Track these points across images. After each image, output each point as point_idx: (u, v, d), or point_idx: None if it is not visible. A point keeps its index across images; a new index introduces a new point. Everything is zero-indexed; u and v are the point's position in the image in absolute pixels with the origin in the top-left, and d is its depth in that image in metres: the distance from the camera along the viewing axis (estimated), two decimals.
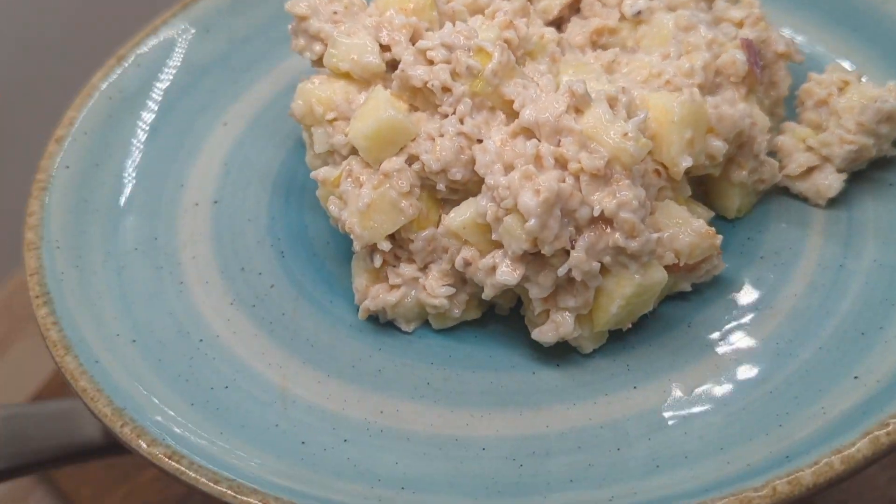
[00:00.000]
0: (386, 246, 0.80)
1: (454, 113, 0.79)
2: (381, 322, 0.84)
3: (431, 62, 0.80)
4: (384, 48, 0.85)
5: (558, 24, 0.94)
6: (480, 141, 0.78)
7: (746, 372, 0.76)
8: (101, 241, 0.89)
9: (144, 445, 0.71)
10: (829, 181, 0.86)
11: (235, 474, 0.69)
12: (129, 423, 0.73)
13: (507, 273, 0.75)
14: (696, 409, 0.74)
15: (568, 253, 0.74)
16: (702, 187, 0.87)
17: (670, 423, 0.73)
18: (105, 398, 0.75)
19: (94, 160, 0.95)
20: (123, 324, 0.83)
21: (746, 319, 0.80)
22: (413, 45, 0.84)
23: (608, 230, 0.74)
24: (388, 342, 0.83)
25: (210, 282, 0.87)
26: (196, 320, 0.84)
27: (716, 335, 0.79)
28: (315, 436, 0.75)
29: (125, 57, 1.02)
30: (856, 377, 0.73)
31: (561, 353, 0.79)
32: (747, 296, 0.82)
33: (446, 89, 0.79)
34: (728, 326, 0.80)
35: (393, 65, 0.84)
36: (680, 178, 0.80)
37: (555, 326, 0.77)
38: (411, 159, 0.80)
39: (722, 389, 0.75)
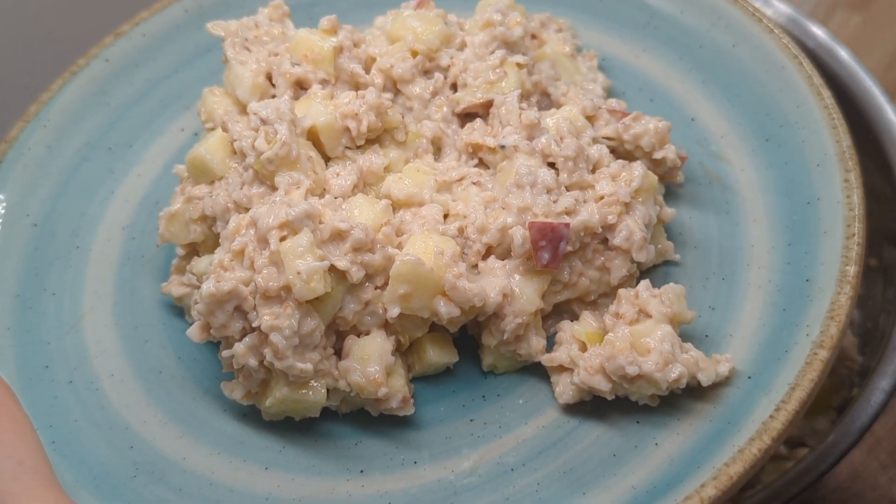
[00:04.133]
0: (180, 251, 0.93)
1: (241, 176, 0.88)
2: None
3: (249, 124, 0.88)
4: (273, 84, 0.94)
5: (472, 117, 0.95)
6: (248, 209, 0.87)
7: None
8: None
9: None
10: (565, 389, 0.84)
11: None
12: None
13: (195, 331, 0.86)
14: None
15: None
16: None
17: None
18: None
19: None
20: None
21: (400, 467, 0.85)
22: (299, 89, 0.92)
23: (265, 342, 0.82)
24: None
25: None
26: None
27: (359, 466, 0.85)
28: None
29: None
30: None
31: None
32: (420, 447, 0.86)
33: (244, 153, 0.88)
34: (380, 464, 0.85)
35: None
36: (391, 320, 0.84)
37: (231, 389, 0.87)
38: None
39: None
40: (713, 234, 0.93)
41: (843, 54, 1.24)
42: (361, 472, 0.84)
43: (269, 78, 0.96)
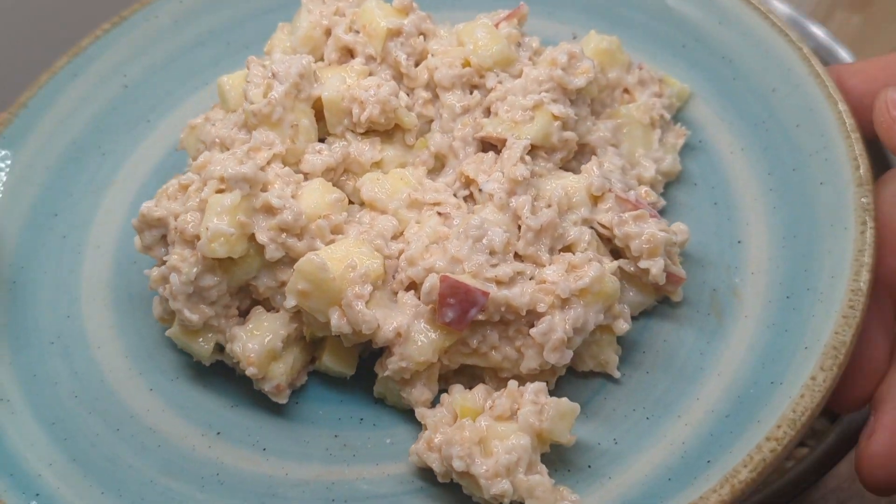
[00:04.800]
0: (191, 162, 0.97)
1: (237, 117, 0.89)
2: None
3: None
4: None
5: (491, 148, 0.90)
6: (227, 149, 0.88)
7: None
8: None
9: None
10: (419, 451, 0.80)
11: None
12: None
13: (136, 240, 0.89)
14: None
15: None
16: None
17: None
18: None
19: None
20: None
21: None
22: (346, 54, 0.93)
23: None
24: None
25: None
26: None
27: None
28: None
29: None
30: None
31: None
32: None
33: (245, 97, 0.88)
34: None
35: None
36: (286, 309, 0.83)
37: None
38: None
39: None
40: (673, 368, 0.84)
41: (843, 54, 1.22)
42: (218, 433, 0.86)
43: (328, 34, 0.95)
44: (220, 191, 0.81)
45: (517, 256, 0.82)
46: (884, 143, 0.86)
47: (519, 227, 0.82)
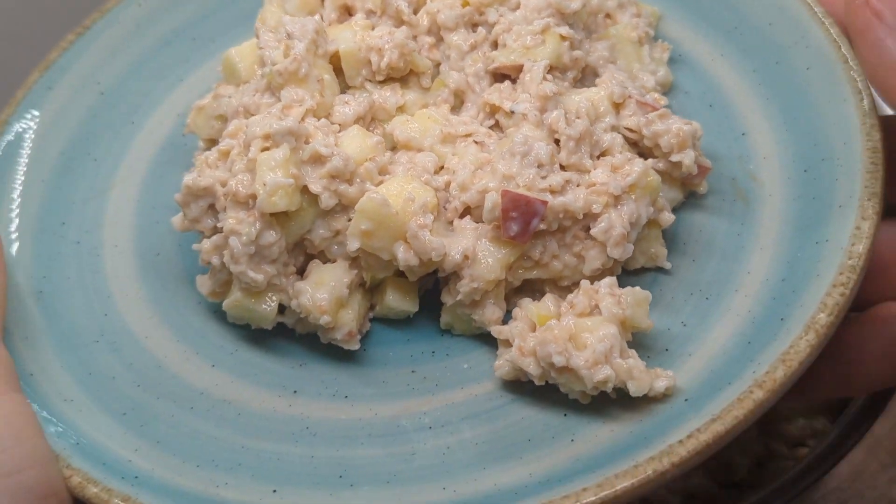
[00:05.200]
0: (201, 144, 0.97)
1: (257, 83, 0.90)
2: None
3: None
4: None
5: (505, 77, 0.93)
6: (252, 114, 0.89)
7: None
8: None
9: None
10: (503, 364, 0.82)
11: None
12: None
13: (177, 220, 0.89)
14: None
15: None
16: None
17: None
18: None
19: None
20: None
21: (331, 400, 0.86)
22: (345, 11, 0.95)
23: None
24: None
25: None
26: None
27: (292, 388, 0.87)
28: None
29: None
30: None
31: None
32: (350, 385, 0.87)
33: (262, 63, 0.90)
34: (312, 389, 0.87)
35: None
36: (350, 253, 0.84)
37: (202, 282, 0.90)
38: None
39: None
40: (716, 251, 0.88)
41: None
42: (294, 392, 0.86)
43: None
44: (264, 149, 0.82)
45: (561, 168, 0.85)
46: (846, 23, 0.92)
47: (556, 142, 0.86)
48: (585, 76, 0.96)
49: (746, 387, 0.75)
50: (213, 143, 0.97)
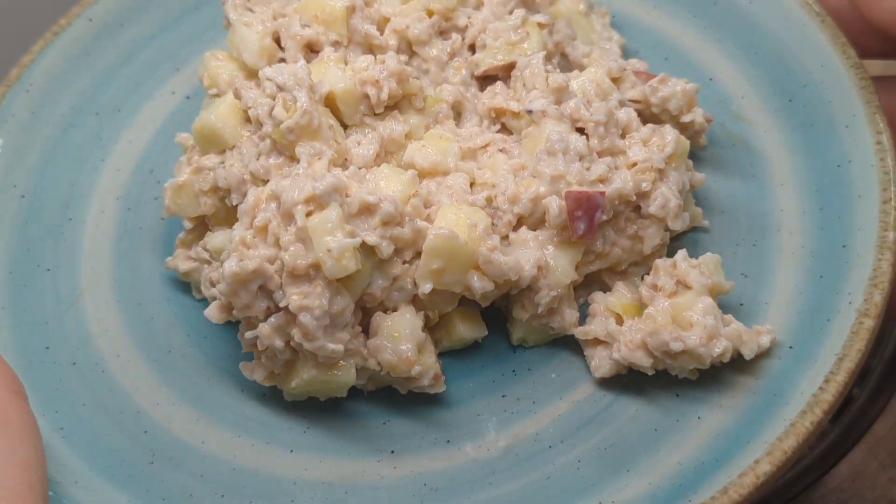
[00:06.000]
0: (187, 224, 0.89)
1: (256, 146, 0.83)
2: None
3: (264, 91, 0.83)
4: (281, 47, 0.89)
5: (491, 80, 0.91)
6: (266, 182, 0.82)
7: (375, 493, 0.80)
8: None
9: None
10: (601, 363, 0.81)
11: None
12: None
13: (213, 311, 0.82)
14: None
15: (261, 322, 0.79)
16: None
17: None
18: None
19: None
20: None
21: (431, 447, 0.82)
22: (310, 52, 0.88)
23: (293, 322, 0.78)
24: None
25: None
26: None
27: (390, 446, 0.82)
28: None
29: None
30: None
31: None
32: (451, 427, 0.83)
33: (259, 122, 0.83)
34: (410, 444, 0.83)
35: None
36: (422, 296, 0.80)
37: (252, 370, 0.83)
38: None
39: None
40: (740, 198, 0.90)
41: None
42: (392, 452, 0.82)
43: (277, 40, 0.90)
44: (309, 213, 0.77)
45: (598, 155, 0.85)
46: None
47: (579, 130, 0.85)
48: (554, 56, 0.95)
49: (854, 318, 0.77)
50: (200, 220, 0.89)
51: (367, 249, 0.78)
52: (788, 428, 0.74)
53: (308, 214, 0.76)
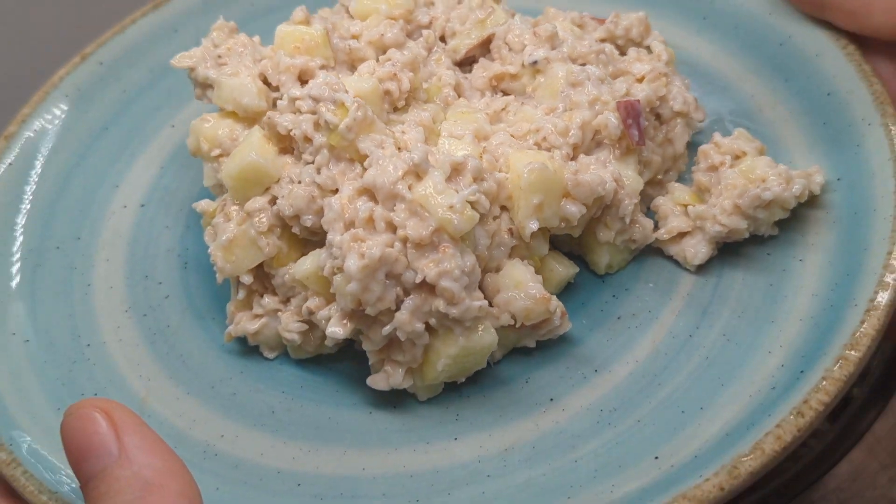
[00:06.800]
0: (247, 279, 0.85)
1: (313, 162, 0.82)
2: (249, 346, 0.88)
3: (298, 111, 0.83)
4: (273, 87, 0.89)
5: (469, 63, 0.95)
6: (336, 191, 0.81)
7: (559, 439, 0.78)
8: (24, 237, 0.95)
9: None
10: (697, 249, 0.86)
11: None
12: None
13: (337, 326, 0.79)
14: (500, 470, 0.77)
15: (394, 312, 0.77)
16: (576, 241, 0.88)
17: (470, 481, 0.77)
18: None
19: (36, 157, 1.00)
20: (23, 323, 0.89)
21: (582, 382, 0.82)
22: (302, 83, 0.88)
23: (432, 295, 0.76)
24: (250, 367, 0.87)
25: (114, 287, 0.93)
26: (90, 324, 0.90)
27: (547, 395, 0.82)
28: None
29: (88, 56, 1.07)
30: (656, 457, 0.74)
31: (399, 397, 0.83)
32: (590, 358, 0.83)
33: (307, 139, 0.82)
34: (561, 387, 0.82)
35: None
36: (528, 239, 0.82)
37: (386, 376, 0.81)
38: (273, 200, 0.84)
39: (532, 453, 0.78)
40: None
41: None
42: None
43: (264, 81, 0.90)
44: (409, 188, 0.77)
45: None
46: None
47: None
48: None
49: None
50: (255, 275, 0.86)
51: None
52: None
53: (409, 188, 0.77)
